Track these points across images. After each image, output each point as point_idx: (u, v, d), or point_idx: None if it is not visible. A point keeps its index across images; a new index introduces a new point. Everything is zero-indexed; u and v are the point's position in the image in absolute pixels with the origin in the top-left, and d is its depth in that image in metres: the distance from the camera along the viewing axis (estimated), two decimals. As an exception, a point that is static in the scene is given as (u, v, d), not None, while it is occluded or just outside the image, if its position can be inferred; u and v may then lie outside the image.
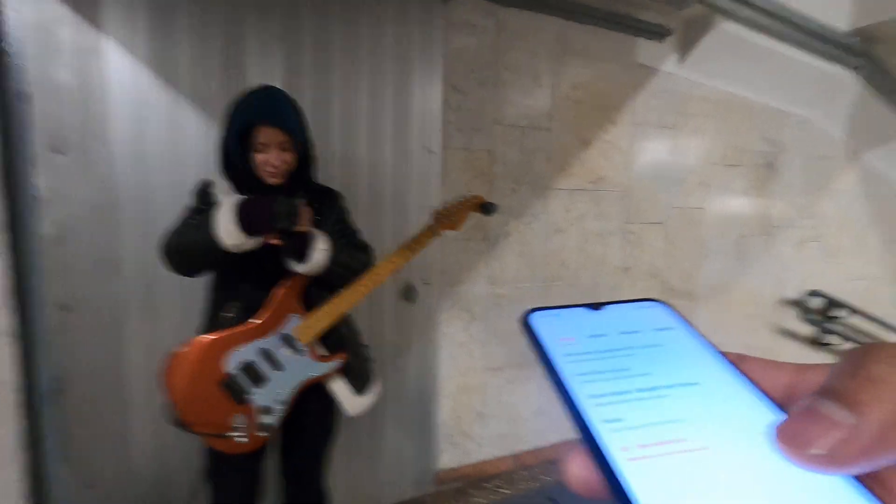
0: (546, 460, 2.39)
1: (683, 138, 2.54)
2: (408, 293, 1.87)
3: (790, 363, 0.20)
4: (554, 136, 2.18)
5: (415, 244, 1.32)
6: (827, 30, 2.55)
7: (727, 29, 2.31)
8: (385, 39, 1.73)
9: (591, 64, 2.21)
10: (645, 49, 2.32)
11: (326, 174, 1.68)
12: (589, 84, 2.23)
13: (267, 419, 1.19)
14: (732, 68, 2.54)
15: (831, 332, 3.25)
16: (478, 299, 2.11)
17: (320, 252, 1.18)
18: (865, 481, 0.15)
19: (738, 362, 0.21)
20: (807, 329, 3.21)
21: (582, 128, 2.24)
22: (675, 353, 0.22)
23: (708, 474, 0.16)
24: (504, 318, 2.18)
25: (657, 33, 2.30)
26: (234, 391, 1.16)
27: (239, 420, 1.17)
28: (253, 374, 1.17)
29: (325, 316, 1.23)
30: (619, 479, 0.16)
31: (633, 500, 0.15)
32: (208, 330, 1.21)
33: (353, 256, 1.30)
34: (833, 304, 3.21)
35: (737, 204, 2.81)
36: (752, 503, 0.15)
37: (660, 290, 2.60)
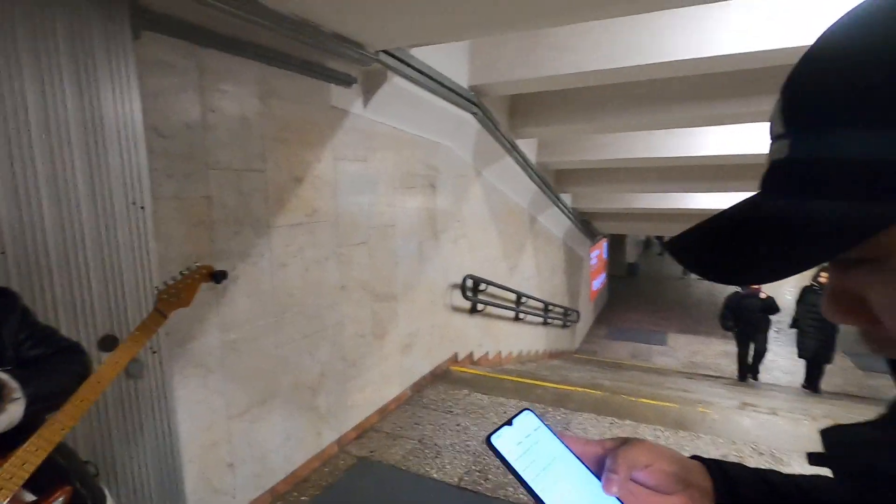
0: (299, 481, 2.52)
1: (373, 168, 3.01)
2: (133, 370, 1.64)
3: (578, 438, 0.48)
4: (268, 175, 2.24)
5: (141, 334, 1.17)
6: (456, 85, 3.45)
7: (397, 81, 2.85)
8: (65, 84, 1.43)
9: (293, 106, 2.36)
10: (336, 94, 2.62)
11: (-3, 252, 1.31)
12: (293, 125, 2.37)
13: None
14: (401, 110, 3.14)
15: (481, 301, 4.48)
16: (211, 350, 2.02)
17: (13, 407, 0.94)
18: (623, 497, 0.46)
19: (563, 438, 0.48)
20: (467, 303, 4.33)
21: (293, 166, 2.38)
22: (545, 442, 0.47)
23: (579, 499, 0.43)
24: (242, 361, 2.16)
25: (345, 81, 2.63)
26: None
27: None
28: None
29: (31, 456, 0.96)
30: None
31: None
32: None
33: (59, 374, 1.06)
34: (478, 281, 4.42)
35: (414, 218, 3.52)
36: None
37: (370, 298, 3.04)
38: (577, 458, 0.46)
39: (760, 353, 6.69)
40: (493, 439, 0.45)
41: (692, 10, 2.92)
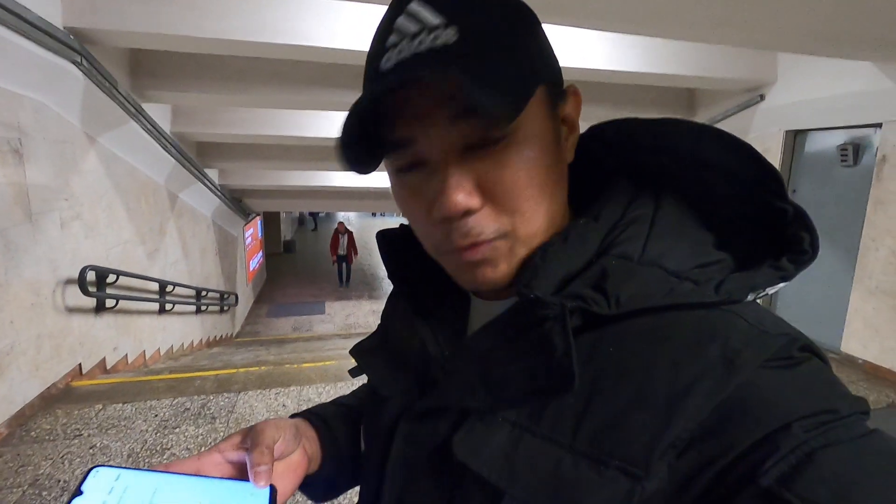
0: None
1: None
2: None
3: (187, 459, 0.43)
4: None
5: None
6: (45, 22, 2.67)
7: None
8: None
9: None
10: None
11: None
12: None
13: None
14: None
15: (111, 296, 3.72)
16: None
17: None
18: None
19: (166, 468, 0.42)
20: (90, 301, 3.51)
21: None
22: (137, 484, 0.39)
23: None
24: None
25: None
26: None
27: None
28: None
29: None
30: None
31: None
32: None
33: None
34: (105, 272, 3.64)
35: (-10, 195, 2.58)
36: None
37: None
38: (191, 476, 0.43)
39: None
40: None
41: (325, 1, 3.18)
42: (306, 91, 4.25)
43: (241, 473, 0.45)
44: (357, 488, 0.57)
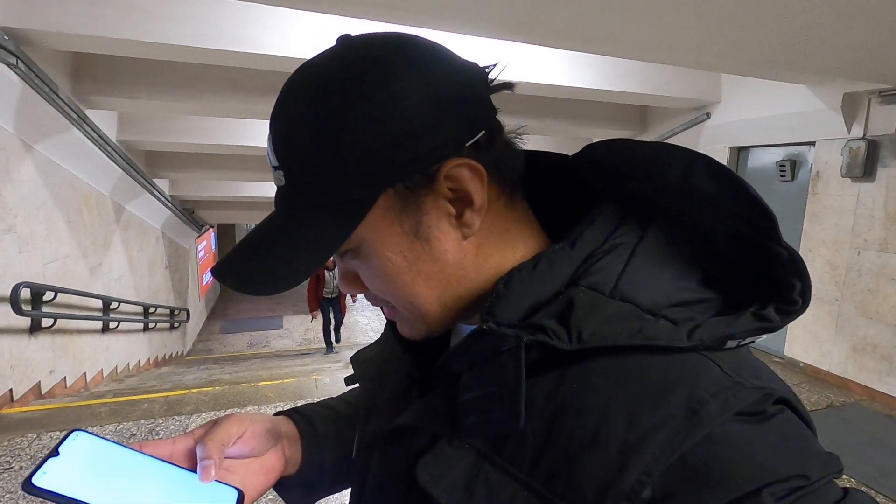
0: None
1: None
2: None
3: (163, 440, 0.44)
4: None
5: None
6: (-24, 22, 2.48)
7: None
8: None
9: None
10: None
11: None
12: None
13: None
14: None
15: (48, 315, 3.45)
16: None
17: None
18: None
19: (140, 447, 0.42)
20: (24, 320, 3.24)
21: None
22: (112, 458, 0.39)
23: (159, 496, 0.39)
24: None
25: None
26: None
27: None
28: None
29: None
30: None
31: None
32: None
33: None
34: (40, 290, 3.39)
35: None
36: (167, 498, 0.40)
37: None
38: (163, 461, 0.42)
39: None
40: (37, 480, 0.34)
41: (282, 10, 3.11)
42: (263, 100, 4.14)
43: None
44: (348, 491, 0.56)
